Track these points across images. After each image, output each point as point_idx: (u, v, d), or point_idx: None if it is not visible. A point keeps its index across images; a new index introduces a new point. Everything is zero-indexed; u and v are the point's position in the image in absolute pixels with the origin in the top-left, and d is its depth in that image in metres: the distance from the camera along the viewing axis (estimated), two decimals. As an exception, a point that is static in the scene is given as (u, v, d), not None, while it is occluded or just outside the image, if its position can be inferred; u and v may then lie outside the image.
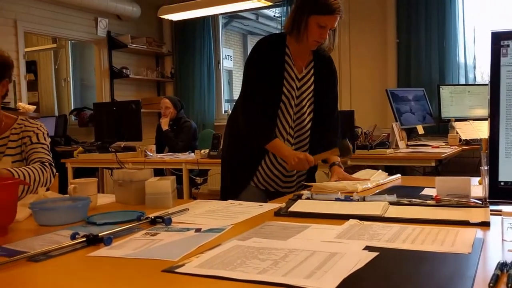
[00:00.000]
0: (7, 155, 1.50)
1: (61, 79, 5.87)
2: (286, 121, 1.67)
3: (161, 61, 5.48)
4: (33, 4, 4.21)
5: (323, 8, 1.53)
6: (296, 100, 1.68)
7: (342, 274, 0.66)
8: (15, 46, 4.06)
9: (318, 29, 1.55)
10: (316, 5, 1.53)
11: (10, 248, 0.89)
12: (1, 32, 3.97)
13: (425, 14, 3.86)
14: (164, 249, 0.85)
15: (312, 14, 1.54)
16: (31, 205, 1.12)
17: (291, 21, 1.60)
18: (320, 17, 1.54)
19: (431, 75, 3.85)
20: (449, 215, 1.01)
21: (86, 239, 0.89)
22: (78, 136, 4.83)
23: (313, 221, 1.03)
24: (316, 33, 1.56)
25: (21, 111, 3.36)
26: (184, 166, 3.08)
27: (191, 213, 1.16)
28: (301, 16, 1.56)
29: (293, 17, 1.59)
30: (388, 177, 1.67)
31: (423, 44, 3.88)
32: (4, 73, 1.46)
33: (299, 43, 1.60)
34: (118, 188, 1.38)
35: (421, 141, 3.21)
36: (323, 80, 1.72)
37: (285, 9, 4.58)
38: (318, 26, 1.55)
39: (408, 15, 3.94)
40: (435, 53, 3.84)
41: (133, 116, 3.29)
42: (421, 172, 3.14)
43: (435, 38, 3.83)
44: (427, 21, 3.86)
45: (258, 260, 0.74)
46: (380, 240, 0.85)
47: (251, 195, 1.64)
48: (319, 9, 1.53)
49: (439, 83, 3.67)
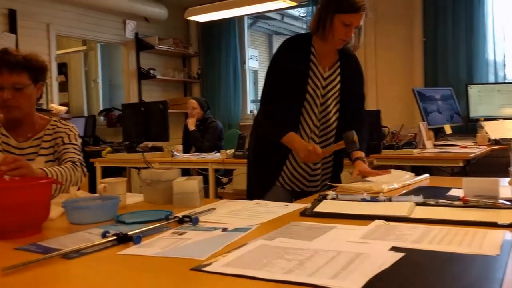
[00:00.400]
0: (40, 155, 1.55)
1: (91, 80, 6.03)
2: (310, 119, 1.68)
3: (188, 62, 5.56)
4: (65, 8, 4.35)
5: (348, 7, 1.54)
6: (322, 99, 1.68)
7: (368, 275, 0.66)
8: (48, 49, 4.21)
9: (343, 27, 1.56)
10: (340, 3, 1.55)
11: (44, 245, 0.92)
12: (35, 35, 4.12)
13: (453, 11, 3.77)
14: (192, 248, 0.86)
15: (337, 12, 1.55)
16: (64, 204, 1.16)
17: (316, 20, 1.61)
18: (345, 16, 1.55)
19: (459, 74, 3.77)
20: (476, 216, 1.00)
21: (116, 238, 0.91)
22: (107, 136, 4.95)
23: (339, 221, 1.02)
24: (341, 31, 1.57)
25: (53, 112, 3.48)
26: (210, 166, 3.11)
27: (217, 213, 1.17)
28: (326, 15, 1.57)
29: (319, 17, 1.60)
30: (415, 177, 1.64)
31: (451, 42, 3.79)
32: (40, 76, 1.52)
33: (325, 42, 1.61)
34: (146, 188, 1.40)
35: (449, 141, 3.15)
36: (349, 79, 1.72)
37: (311, 9, 4.55)
38: (343, 25, 1.56)
39: (434, 13, 3.86)
40: (463, 51, 3.75)
41: (161, 117, 3.35)
42: (449, 173, 3.07)
43: (463, 35, 3.74)
44: (454, 18, 3.77)
45: (284, 260, 0.75)
46: (406, 241, 0.84)
47: (277, 195, 1.65)
48: (343, 8, 1.54)
49: (467, 82, 3.59)
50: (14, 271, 0.76)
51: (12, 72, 1.42)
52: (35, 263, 0.79)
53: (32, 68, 1.47)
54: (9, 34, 3.91)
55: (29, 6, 4.08)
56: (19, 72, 1.43)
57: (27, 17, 4.06)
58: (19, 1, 4.01)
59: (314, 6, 4.52)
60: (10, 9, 3.94)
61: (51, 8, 4.25)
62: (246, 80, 5.33)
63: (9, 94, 1.42)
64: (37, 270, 0.77)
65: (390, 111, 3.78)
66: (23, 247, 0.91)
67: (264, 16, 6.64)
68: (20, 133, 1.55)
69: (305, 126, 1.68)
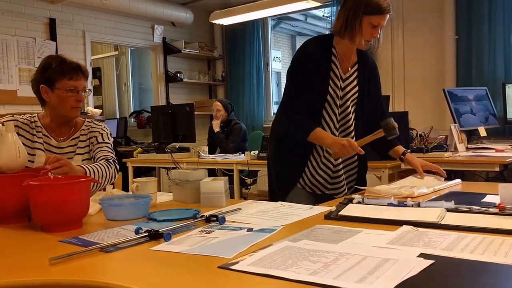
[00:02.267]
0: (78, 154, 1.63)
1: (122, 83, 6.19)
2: (331, 120, 1.68)
3: (213, 64, 5.62)
4: (99, 16, 4.51)
5: (376, 8, 1.57)
6: (341, 101, 1.69)
7: (395, 281, 0.64)
8: (84, 54, 4.37)
9: (371, 29, 1.59)
10: (368, 6, 1.56)
11: (85, 239, 0.97)
12: (72, 42, 4.29)
13: (489, 7, 3.53)
14: (219, 246, 0.88)
15: (366, 14, 1.57)
16: (101, 201, 1.22)
17: (342, 22, 1.62)
18: (373, 17, 1.57)
19: (495, 73, 3.52)
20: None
21: (148, 234, 0.95)
22: (137, 137, 5.08)
23: (365, 225, 1.00)
24: (369, 32, 1.60)
25: (89, 115, 3.61)
26: (234, 167, 3.14)
27: (243, 213, 1.19)
28: (354, 17, 1.58)
29: (345, 19, 1.61)
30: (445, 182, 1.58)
31: (486, 39, 3.54)
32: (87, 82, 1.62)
33: (352, 43, 1.62)
34: (176, 187, 1.45)
35: (484, 144, 2.93)
36: (366, 81, 1.73)
37: (335, 9, 4.49)
38: (371, 26, 1.59)
39: (468, 9, 3.63)
40: (500, 49, 3.50)
41: (187, 118, 3.40)
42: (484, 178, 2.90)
43: (500, 33, 3.49)
44: (490, 15, 3.52)
45: (309, 261, 0.74)
46: (436, 248, 0.80)
47: (298, 197, 1.65)
48: (371, 10, 1.57)
49: (504, 81, 3.34)
50: (60, 261, 0.81)
51: (84, 78, 1.59)
52: (77, 255, 0.84)
53: (86, 75, 1.63)
54: (50, 42, 4.09)
55: (67, 15, 4.25)
56: (85, 78, 1.60)
57: (65, 25, 4.23)
58: (58, 11, 4.19)
59: (338, 6, 4.48)
60: (50, 18, 4.12)
61: (86, 16, 4.41)
62: (270, 82, 5.34)
63: (82, 97, 1.59)
64: (79, 261, 0.83)
65: (419, 112, 3.65)
66: (66, 240, 0.97)
67: (288, 17, 6.61)
68: (59, 134, 1.64)
69: (325, 127, 1.68)
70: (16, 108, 3.75)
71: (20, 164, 1.22)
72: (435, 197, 1.35)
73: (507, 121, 3.18)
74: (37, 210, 1.07)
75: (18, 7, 3.92)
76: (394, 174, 2.57)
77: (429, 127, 2.68)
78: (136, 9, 4.56)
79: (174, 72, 5.13)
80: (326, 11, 5.71)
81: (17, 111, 3.53)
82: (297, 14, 6.88)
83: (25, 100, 3.82)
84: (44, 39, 4.06)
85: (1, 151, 1.19)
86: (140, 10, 4.60)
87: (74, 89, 1.55)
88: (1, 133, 1.20)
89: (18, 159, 1.20)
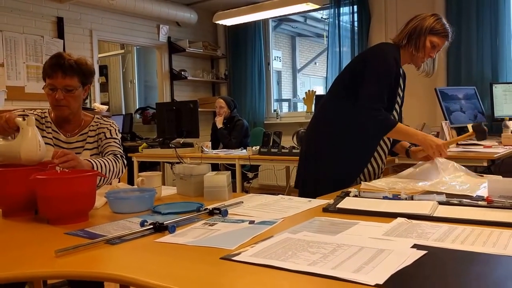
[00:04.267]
0: (86, 149, 1.62)
1: (128, 81, 6.19)
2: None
3: (216, 63, 5.61)
4: (106, 15, 4.49)
5: (441, 30, 1.66)
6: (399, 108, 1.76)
7: (390, 270, 0.65)
8: (91, 52, 4.36)
9: (430, 48, 1.66)
10: (435, 25, 1.65)
11: (91, 231, 0.97)
12: (80, 41, 4.28)
13: (477, 10, 3.60)
14: (222, 238, 0.88)
15: (430, 33, 1.65)
16: (107, 195, 1.21)
17: (407, 36, 1.67)
18: (435, 38, 1.65)
19: (483, 73, 3.60)
20: (501, 217, 0.95)
21: (153, 227, 0.94)
22: (142, 132, 5.08)
23: (361, 218, 1.01)
24: (428, 51, 1.67)
25: (96, 111, 3.60)
26: (237, 162, 3.14)
27: (245, 206, 1.19)
28: (420, 34, 1.65)
29: (411, 34, 1.67)
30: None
31: (475, 41, 3.62)
32: (88, 80, 1.58)
33: (413, 56, 1.69)
34: (179, 181, 1.44)
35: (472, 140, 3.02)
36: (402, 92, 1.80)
37: (333, 11, 4.49)
38: (432, 46, 1.66)
39: (458, 12, 3.70)
40: (487, 50, 3.58)
41: (191, 115, 3.40)
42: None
43: (487, 34, 3.57)
44: (478, 17, 3.60)
45: (308, 252, 0.75)
46: (428, 239, 0.81)
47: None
48: (437, 30, 1.65)
49: (491, 81, 3.43)
50: (66, 253, 0.81)
51: (65, 76, 1.49)
52: (83, 247, 0.84)
53: (82, 72, 1.54)
54: (57, 40, 4.08)
55: (75, 14, 4.24)
56: (71, 76, 1.50)
57: (73, 24, 4.22)
58: (66, 10, 4.17)
59: (336, 8, 4.47)
60: (58, 17, 4.11)
61: (93, 16, 4.39)
62: (270, 80, 5.33)
63: (60, 95, 1.50)
64: (85, 253, 0.82)
65: (412, 110, 3.67)
66: (72, 232, 0.97)
67: (288, 18, 6.60)
68: (68, 129, 1.63)
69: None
70: (24, 104, 3.74)
71: (40, 156, 1.21)
72: (427, 191, 1.35)
73: (494, 118, 3.23)
74: (43, 204, 1.06)
75: (27, 6, 3.91)
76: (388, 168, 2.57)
77: (422, 123, 2.71)
78: (142, 9, 4.54)
79: (179, 70, 5.12)
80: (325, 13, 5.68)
81: (25, 106, 3.53)
82: (297, 16, 6.86)
83: (32, 96, 3.82)
84: (52, 37, 4.05)
85: (22, 144, 1.19)
86: (146, 10, 4.58)
87: (53, 87, 1.49)
88: (22, 126, 1.20)
89: (38, 152, 1.20)
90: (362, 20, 4.32)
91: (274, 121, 5.12)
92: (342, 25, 4.48)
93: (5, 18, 3.77)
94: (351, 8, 4.41)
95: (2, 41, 3.74)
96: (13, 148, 1.19)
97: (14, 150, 1.19)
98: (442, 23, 1.66)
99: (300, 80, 9.03)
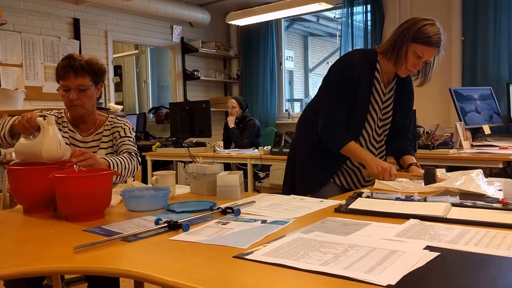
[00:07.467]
0: (101, 148, 1.65)
1: (142, 81, 6.26)
2: (371, 132, 1.66)
3: (228, 63, 5.63)
4: (120, 16, 4.55)
5: (425, 39, 1.48)
6: (381, 115, 1.67)
7: (402, 271, 0.64)
8: (105, 53, 4.43)
9: (413, 58, 1.51)
10: (418, 33, 1.48)
11: (107, 229, 0.99)
12: (95, 41, 4.36)
13: (494, 9, 3.52)
14: (234, 237, 0.89)
15: (413, 42, 1.49)
16: (122, 193, 1.23)
17: (390, 44, 1.55)
18: (419, 47, 1.49)
19: (500, 73, 3.52)
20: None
21: (167, 225, 0.96)
22: (156, 132, 5.13)
23: (373, 219, 1.00)
24: (411, 61, 1.52)
25: (111, 111, 3.65)
26: (248, 161, 3.15)
27: (257, 206, 1.20)
28: (402, 42, 1.51)
29: (394, 41, 1.54)
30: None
31: (491, 41, 3.54)
32: (100, 78, 1.61)
33: (395, 66, 1.57)
34: (193, 180, 1.46)
35: (488, 141, 2.91)
36: (401, 96, 1.70)
37: (346, 10, 4.47)
38: (415, 55, 1.51)
39: (474, 11, 3.63)
40: (504, 50, 3.51)
41: (204, 115, 3.42)
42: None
43: (505, 35, 3.50)
44: (496, 17, 3.53)
45: (320, 252, 0.75)
46: (441, 241, 0.80)
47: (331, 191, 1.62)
48: (420, 39, 1.48)
49: (508, 81, 3.34)
50: (84, 250, 0.83)
51: (77, 76, 1.53)
52: (100, 244, 0.86)
53: (94, 71, 1.57)
54: (73, 41, 4.16)
55: (90, 15, 4.31)
56: (83, 75, 1.53)
57: (88, 25, 4.29)
58: (82, 11, 4.25)
59: (349, 7, 4.44)
60: (74, 18, 4.18)
61: (108, 17, 4.46)
62: (283, 80, 5.33)
63: (74, 95, 1.53)
64: (102, 249, 0.84)
65: (426, 110, 3.62)
66: (89, 230, 0.99)
67: (300, 18, 6.58)
68: (83, 129, 1.66)
69: (365, 139, 1.65)
70: (42, 104, 3.82)
71: (60, 154, 1.24)
72: (441, 192, 1.33)
73: (511, 119, 3.17)
74: (62, 201, 1.09)
75: (44, 8, 3.99)
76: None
77: (436, 124, 2.67)
78: (155, 10, 4.59)
79: (192, 70, 5.16)
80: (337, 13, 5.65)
81: (42, 106, 3.61)
82: (310, 16, 6.83)
83: (49, 96, 3.90)
84: (68, 38, 4.13)
85: (43, 143, 1.22)
86: (159, 11, 4.63)
87: (66, 88, 1.53)
88: (43, 126, 1.23)
89: (59, 150, 1.23)
90: (375, 19, 4.29)
91: (285, 121, 5.11)
92: (355, 25, 4.45)
93: (23, 20, 3.85)
94: (364, 8, 4.38)
95: (21, 42, 3.83)
96: (34, 147, 1.23)
97: (36, 149, 1.22)
98: (427, 30, 1.47)
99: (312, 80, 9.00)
